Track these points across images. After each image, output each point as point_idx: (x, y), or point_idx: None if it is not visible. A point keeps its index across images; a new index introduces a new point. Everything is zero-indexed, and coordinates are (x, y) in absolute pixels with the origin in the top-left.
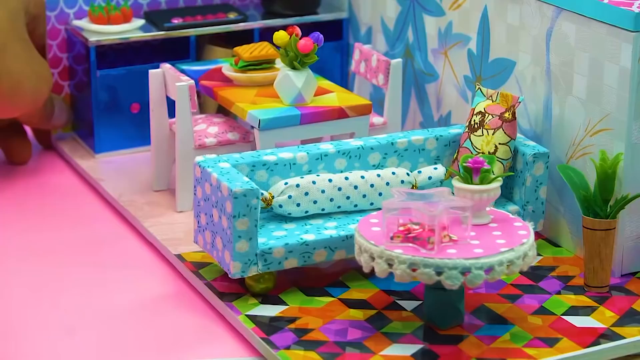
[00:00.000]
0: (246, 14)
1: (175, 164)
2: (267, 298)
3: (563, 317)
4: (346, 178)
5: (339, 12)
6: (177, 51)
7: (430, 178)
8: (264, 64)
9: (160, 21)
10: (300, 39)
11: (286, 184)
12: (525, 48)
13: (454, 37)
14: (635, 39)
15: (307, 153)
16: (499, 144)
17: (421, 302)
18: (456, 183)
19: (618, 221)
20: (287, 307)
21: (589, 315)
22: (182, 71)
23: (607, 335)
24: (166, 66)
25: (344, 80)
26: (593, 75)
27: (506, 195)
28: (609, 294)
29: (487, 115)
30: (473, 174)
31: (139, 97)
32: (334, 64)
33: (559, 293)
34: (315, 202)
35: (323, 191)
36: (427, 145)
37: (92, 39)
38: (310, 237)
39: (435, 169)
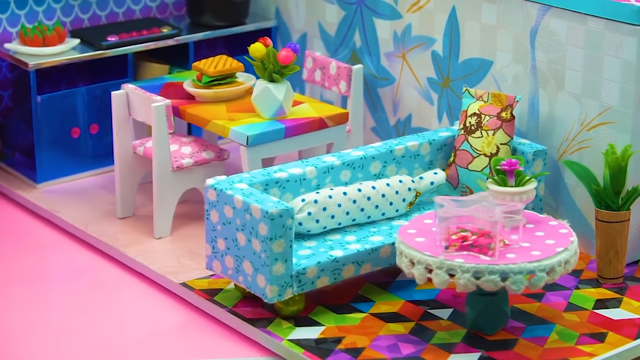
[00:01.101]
0: (179, 27)
1: (137, 189)
2: (299, 320)
3: (595, 311)
4: (359, 190)
5: (268, 20)
6: (113, 70)
7: (432, 183)
8: (227, 78)
9: (96, 40)
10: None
11: (303, 200)
12: (505, 47)
13: (414, 39)
14: (639, 33)
15: (315, 167)
16: (501, 144)
17: (452, 309)
18: (492, 186)
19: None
20: (324, 327)
21: (618, 307)
22: None
23: None
24: (130, 87)
25: None
26: (589, 71)
27: None
28: (625, 284)
29: (483, 116)
30: (508, 176)
31: (79, 121)
32: None
33: (577, 288)
34: (332, 216)
35: (339, 205)
36: (421, 150)
37: (31, 62)
38: (338, 253)
39: (436, 173)
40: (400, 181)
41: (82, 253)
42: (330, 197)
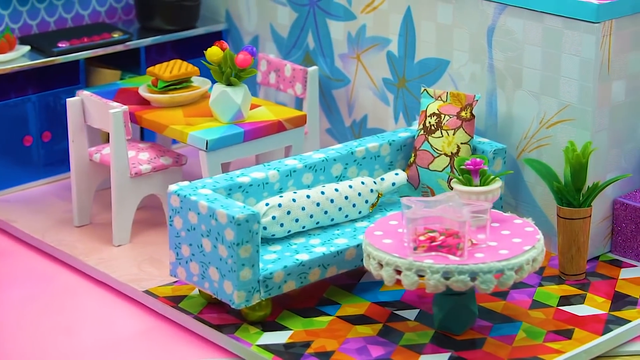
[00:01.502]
0: (130, 32)
1: (93, 196)
2: (266, 325)
3: (560, 308)
4: (322, 192)
5: (218, 23)
6: (64, 77)
7: (393, 184)
8: (183, 82)
9: (47, 46)
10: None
11: (267, 204)
12: (461, 46)
13: (369, 40)
14: (598, 30)
15: (278, 171)
16: (461, 143)
17: (418, 310)
18: (457, 186)
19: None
20: (292, 331)
21: (582, 303)
22: None
23: (612, 320)
24: (85, 93)
25: None
26: (547, 69)
27: None
28: (587, 279)
29: (443, 116)
30: (473, 175)
31: (31, 129)
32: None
33: (541, 285)
34: (297, 220)
35: (303, 208)
36: (381, 151)
37: None
38: (304, 257)
39: (397, 174)
40: (363, 183)
41: (40, 262)
42: (294, 200)
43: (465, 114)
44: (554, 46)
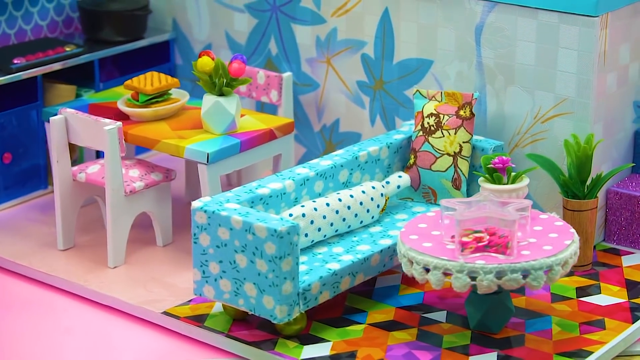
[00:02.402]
0: (82, 45)
1: (76, 218)
2: (302, 338)
3: (580, 299)
4: (339, 199)
5: (164, 33)
6: (21, 95)
7: (398, 187)
8: (163, 95)
9: (2, 63)
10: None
11: (291, 215)
12: (446, 46)
13: (341, 43)
14: (597, 24)
15: (293, 180)
16: (463, 142)
17: (444, 311)
18: (486, 185)
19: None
20: (331, 342)
21: (599, 293)
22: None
23: (636, 308)
24: (69, 111)
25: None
26: (543, 64)
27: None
28: (594, 270)
29: (442, 116)
30: (501, 173)
31: None
32: None
33: None
34: (319, 229)
35: (324, 217)
36: (381, 155)
37: None
38: (335, 266)
39: (400, 177)
40: (373, 187)
41: (32, 291)
42: (315, 209)
43: (465, 112)
44: (550, 41)
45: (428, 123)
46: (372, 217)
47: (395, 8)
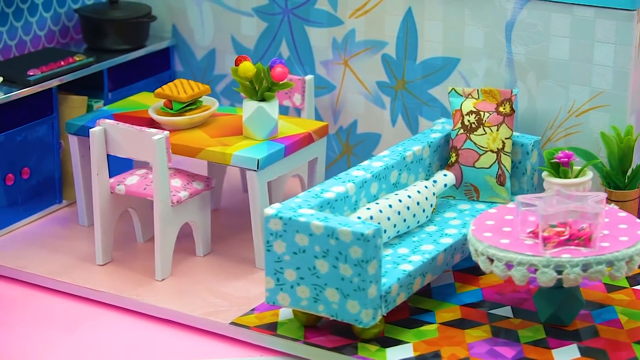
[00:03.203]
0: (90, 55)
1: (113, 232)
2: (380, 341)
3: (636, 288)
4: (400, 200)
5: (164, 40)
6: (36, 107)
7: (445, 185)
8: (196, 102)
9: (16, 75)
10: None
11: (359, 218)
12: (474, 43)
13: (360, 44)
14: (634, 17)
15: (354, 183)
16: (505, 138)
17: (508, 306)
18: (552, 179)
19: None
20: (411, 344)
21: None
22: (83, 130)
23: None
24: (107, 122)
25: None
26: (577, 58)
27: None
28: None
29: (482, 113)
30: (565, 167)
31: (12, 167)
32: None
33: None
34: (385, 231)
35: (389, 218)
36: (423, 154)
37: None
38: (408, 267)
39: (445, 175)
40: (426, 187)
41: (79, 309)
42: (380, 211)
43: (504, 109)
44: (585, 36)
45: (469, 121)
46: (427, 217)
47: (419, 7)
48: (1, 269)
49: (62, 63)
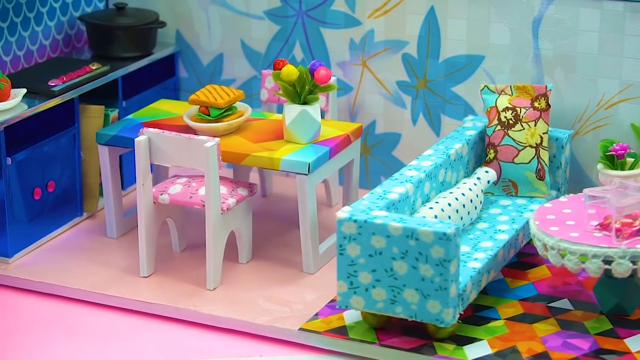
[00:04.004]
0: (106, 64)
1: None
2: (455, 340)
3: None
4: (456, 199)
5: (169, 46)
6: (58, 118)
7: (488, 182)
8: (231, 108)
9: (39, 86)
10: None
11: (424, 217)
12: (499, 40)
13: (379, 45)
14: None
15: (412, 183)
16: (542, 133)
17: (565, 299)
18: (608, 171)
19: None
20: (484, 340)
21: None
22: (115, 140)
23: None
24: (151, 130)
25: None
26: (606, 52)
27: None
28: None
29: (519, 109)
30: (620, 159)
31: (40, 180)
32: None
33: None
34: None
35: (450, 217)
36: (463, 152)
37: None
38: (476, 265)
39: (487, 172)
40: (475, 184)
41: (132, 323)
42: (442, 210)
43: (540, 104)
44: (615, 29)
45: (505, 117)
46: (477, 214)
47: (442, 6)
48: (43, 286)
49: (81, 72)
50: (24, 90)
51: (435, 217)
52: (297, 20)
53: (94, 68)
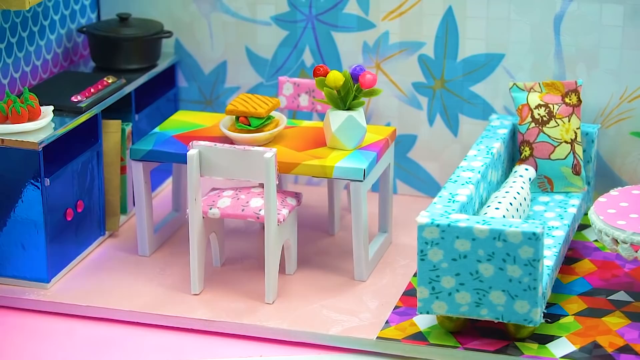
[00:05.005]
0: (124, 77)
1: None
2: (535, 338)
3: None
4: (514, 198)
5: (171, 56)
6: (83, 135)
7: (530, 179)
8: (269, 117)
9: (65, 103)
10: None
11: (504, 218)
12: (519, 38)
13: (393, 47)
14: None
15: (473, 184)
16: (576, 129)
17: (619, 291)
18: None
19: None
20: (563, 337)
21: None
22: (151, 155)
23: None
24: (202, 143)
25: None
26: (629, 46)
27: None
28: None
29: (552, 106)
30: None
31: (70, 201)
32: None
33: None
34: None
35: (513, 217)
36: (501, 150)
37: (26, 139)
38: (548, 262)
39: (527, 169)
40: (524, 182)
41: (196, 342)
42: (507, 209)
43: (571, 99)
44: (639, 23)
45: (539, 114)
46: (527, 213)
47: (460, 6)
48: (92, 310)
49: (100, 86)
50: (51, 108)
51: (504, 217)
52: (307, 25)
53: (110, 82)
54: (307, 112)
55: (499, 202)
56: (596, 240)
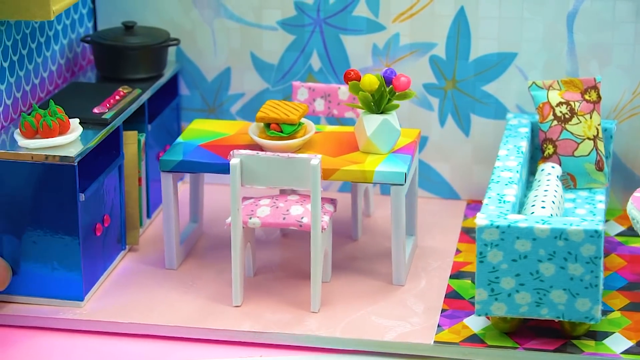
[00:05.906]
0: (136, 86)
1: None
2: (591, 336)
3: None
4: (554, 196)
5: (174, 64)
6: (107, 149)
7: (558, 177)
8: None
9: (88, 115)
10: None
11: (532, 213)
12: (532, 36)
13: (404, 48)
14: None
15: (516, 184)
16: (597, 125)
17: None
18: None
19: None
20: (617, 332)
21: None
22: (182, 166)
23: None
24: (243, 152)
25: None
26: None
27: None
28: None
29: (573, 103)
30: None
31: (99, 216)
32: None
33: None
34: None
35: (557, 215)
36: (525, 149)
37: (61, 153)
38: None
39: (553, 167)
40: (557, 180)
41: (249, 354)
42: (552, 208)
43: (590, 96)
44: None
45: (561, 112)
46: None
47: (472, 6)
48: (134, 327)
49: (118, 97)
50: (77, 121)
51: (551, 216)
52: (315, 29)
53: (125, 92)
54: (322, 115)
55: (542, 201)
56: (618, 235)
